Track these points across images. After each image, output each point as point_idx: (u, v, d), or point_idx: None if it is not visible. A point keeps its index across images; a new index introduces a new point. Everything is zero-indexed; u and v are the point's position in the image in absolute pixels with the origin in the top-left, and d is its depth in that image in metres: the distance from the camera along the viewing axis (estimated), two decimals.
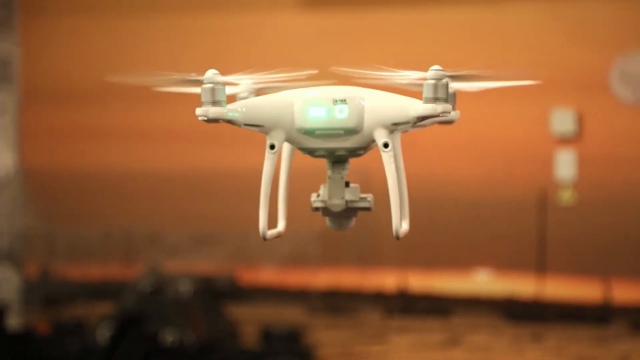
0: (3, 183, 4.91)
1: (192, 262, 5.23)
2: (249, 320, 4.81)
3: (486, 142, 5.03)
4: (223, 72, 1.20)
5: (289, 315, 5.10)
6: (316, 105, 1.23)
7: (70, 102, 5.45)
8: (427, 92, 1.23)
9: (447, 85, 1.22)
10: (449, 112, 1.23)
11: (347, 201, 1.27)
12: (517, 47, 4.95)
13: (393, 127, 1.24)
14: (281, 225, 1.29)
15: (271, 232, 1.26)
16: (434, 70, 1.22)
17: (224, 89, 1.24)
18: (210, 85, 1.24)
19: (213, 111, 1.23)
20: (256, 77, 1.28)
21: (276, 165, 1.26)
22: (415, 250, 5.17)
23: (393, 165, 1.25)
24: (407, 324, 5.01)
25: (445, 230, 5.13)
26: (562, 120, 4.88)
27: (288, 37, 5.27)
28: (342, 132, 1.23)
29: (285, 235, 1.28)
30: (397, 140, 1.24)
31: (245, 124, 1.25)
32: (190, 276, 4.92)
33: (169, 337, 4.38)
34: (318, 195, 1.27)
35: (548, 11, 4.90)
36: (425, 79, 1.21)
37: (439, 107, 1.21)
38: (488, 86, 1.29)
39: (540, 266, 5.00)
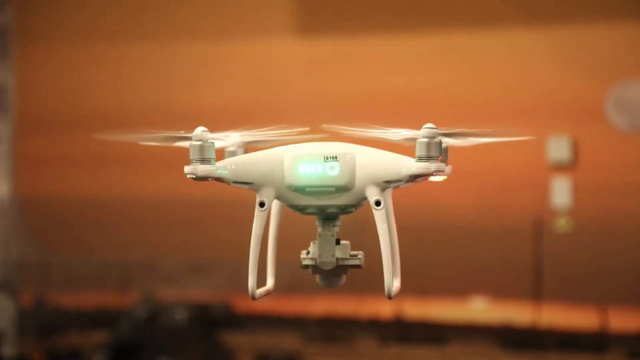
0: None
1: (187, 290, 5.22)
2: (245, 348, 4.79)
3: (481, 169, 5.03)
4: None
5: (284, 343, 5.08)
6: (306, 162, 1.22)
7: (65, 131, 5.45)
8: (420, 151, 1.23)
9: (440, 144, 1.22)
10: (443, 171, 1.23)
11: (337, 259, 1.25)
12: (511, 74, 4.96)
13: (385, 185, 1.24)
14: (270, 283, 1.29)
15: (260, 291, 1.26)
16: (426, 129, 1.22)
17: (212, 146, 1.24)
18: (199, 142, 1.23)
19: (202, 169, 1.23)
20: (246, 134, 1.27)
21: (266, 223, 1.26)
22: (411, 278, 5.15)
23: (385, 225, 1.25)
24: (403, 351, 4.99)
25: (440, 258, 5.12)
26: (558, 148, 4.89)
27: (282, 64, 5.29)
28: (333, 189, 1.22)
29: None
30: (388, 197, 1.25)
31: (235, 182, 1.24)
32: (185, 304, 4.91)
33: None
34: (308, 253, 1.26)
35: (543, 38, 4.91)
36: (417, 137, 1.21)
37: (432, 166, 1.22)
38: (482, 141, 1.30)
39: (537, 294, 4.99)
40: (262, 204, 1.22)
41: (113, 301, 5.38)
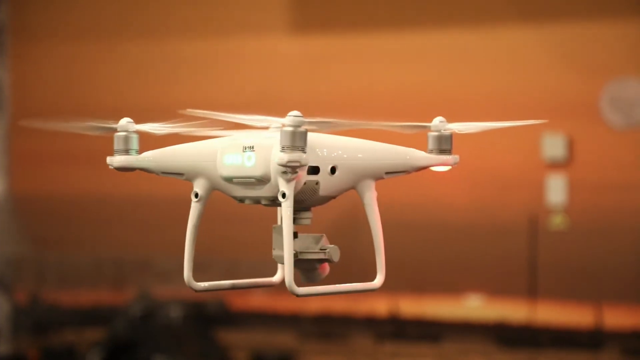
0: None
1: (182, 287, 5.21)
2: (240, 346, 4.79)
3: (476, 167, 5.03)
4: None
5: (280, 340, 5.08)
6: (229, 152, 1.20)
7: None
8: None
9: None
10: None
11: (296, 252, 1.22)
12: (507, 72, 4.96)
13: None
14: (278, 276, 1.27)
15: (211, 284, 1.25)
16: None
17: (136, 137, 1.22)
18: (124, 133, 1.22)
19: (118, 160, 1.22)
20: (172, 126, 1.25)
21: (203, 214, 1.22)
22: (406, 275, 5.17)
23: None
24: (398, 349, 5.00)
25: (436, 255, 5.12)
26: (553, 145, 4.89)
27: (277, 61, 5.28)
28: (253, 180, 1.19)
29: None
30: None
31: (163, 172, 1.22)
32: (180, 302, 4.91)
33: None
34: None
35: (538, 36, 4.91)
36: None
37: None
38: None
39: (532, 291, 4.99)
40: (196, 195, 1.20)
41: (108, 299, 5.38)
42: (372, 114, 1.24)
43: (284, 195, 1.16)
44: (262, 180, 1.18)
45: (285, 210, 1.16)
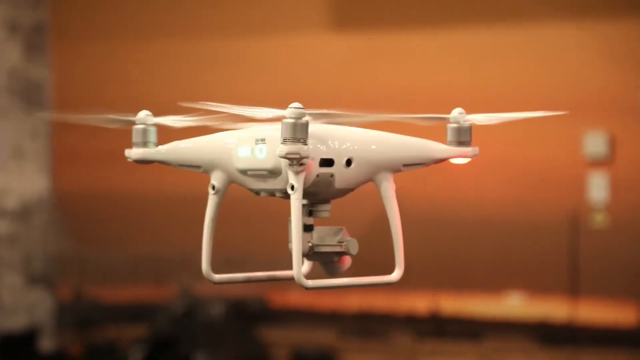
0: (36, 207, 4.94)
1: (223, 285, 5.23)
2: (280, 343, 4.81)
3: (518, 164, 5.01)
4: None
5: (320, 338, 5.09)
6: (242, 144, 1.20)
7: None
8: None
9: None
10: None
11: (311, 245, 1.21)
12: (548, 69, 4.93)
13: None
14: (305, 267, 1.26)
15: (228, 276, 1.24)
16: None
17: (154, 130, 1.22)
18: (142, 126, 1.23)
19: (135, 152, 1.22)
20: (190, 119, 1.23)
21: (220, 206, 1.21)
22: (447, 273, 5.15)
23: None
24: (438, 347, 4.98)
25: (476, 253, 5.11)
26: (594, 143, 4.86)
27: (318, 59, 5.29)
28: (265, 172, 1.18)
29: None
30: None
31: (180, 165, 1.23)
32: (221, 299, 4.93)
33: (200, 359, 4.38)
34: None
35: (579, 32, 4.88)
36: (282, 116, 1.15)
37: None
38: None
39: (574, 289, 4.96)
40: (213, 187, 1.20)
41: (150, 295, 5.41)
42: (409, 111, 1.23)
43: (292, 188, 1.15)
44: (274, 173, 1.17)
45: (294, 203, 1.15)
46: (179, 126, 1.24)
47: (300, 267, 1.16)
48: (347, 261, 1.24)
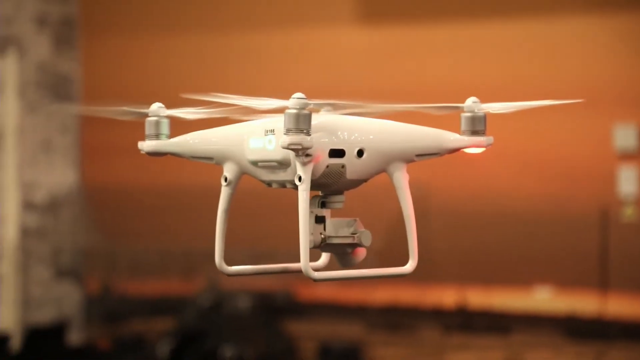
0: (65, 200, 4.97)
1: (250, 278, 5.24)
2: (307, 337, 4.81)
3: (547, 158, 4.98)
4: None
5: (347, 331, 5.09)
6: (253, 136, 1.19)
7: (131, 119, 5.49)
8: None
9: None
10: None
11: (324, 237, 1.20)
12: (578, 62, 4.90)
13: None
14: (323, 260, 1.25)
15: (242, 268, 1.23)
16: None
17: (167, 122, 1.22)
18: (155, 118, 1.22)
19: (147, 145, 1.23)
20: (202, 111, 1.22)
21: (232, 198, 1.20)
22: (475, 266, 5.14)
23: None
24: (466, 341, 4.97)
25: (505, 247, 5.08)
26: (625, 136, 4.82)
27: (344, 52, 5.28)
28: (275, 163, 1.17)
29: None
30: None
31: (193, 157, 1.22)
32: (248, 292, 4.93)
33: (227, 352, 4.39)
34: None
35: (609, 25, 4.84)
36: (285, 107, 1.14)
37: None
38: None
39: (603, 283, 4.93)
40: (225, 179, 1.20)
41: (178, 289, 5.43)
42: (434, 102, 1.21)
43: (300, 179, 1.14)
44: (284, 164, 1.17)
45: (301, 194, 1.15)
46: (191, 118, 1.23)
47: (307, 259, 1.16)
48: (361, 253, 1.23)
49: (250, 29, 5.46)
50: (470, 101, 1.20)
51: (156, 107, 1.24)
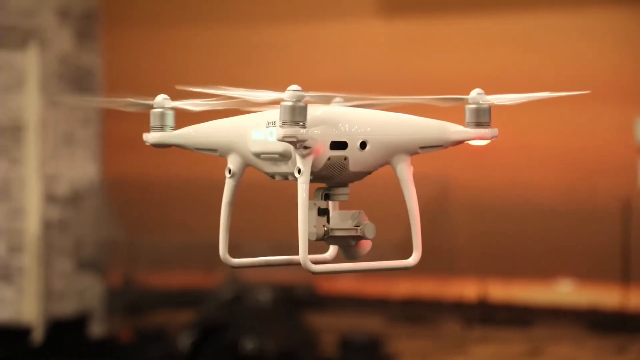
0: (87, 193, 4.99)
1: (271, 271, 5.26)
2: (328, 329, 4.81)
3: (569, 150, 4.96)
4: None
5: (368, 324, 5.09)
6: (256, 128, 1.18)
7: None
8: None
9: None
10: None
11: (326, 229, 1.19)
12: (599, 54, 4.88)
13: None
14: (330, 253, 1.25)
15: (246, 260, 1.23)
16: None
17: (172, 114, 1.22)
18: (159, 110, 1.22)
19: (152, 137, 1.22)
20: (208, 103, 1.21)
21: (236, 190, 1.20)
22: (496, 259, 5.12)
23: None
24: (487, 334, 4.96)
25: (526, 239, 5.07)
26: None
27: (367, 45, 5.27)
28: (277, 155, 1.17)
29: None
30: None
31: (197, 149, 1.22)
32: (269, 285, 4.94)
33: (248, 345, 4.40)
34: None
35: (633, 16, 4.82)
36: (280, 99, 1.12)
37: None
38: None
39: (625, 276, 4.91)
40: (229, 171, 1.20)
41: (199, 281, 5.44)
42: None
43: (299, 171, 1.14)
44: (285, 156, 1.16)
45: (300, 186, 1.14)
46: (196, 110, 1.22)
47: (306, 252, 1.15)
48: (366, 245, 1.22)
49: (272, 21, 5.46)
50: (475, 93, 1.19)
51: (161, 98, 1.24)
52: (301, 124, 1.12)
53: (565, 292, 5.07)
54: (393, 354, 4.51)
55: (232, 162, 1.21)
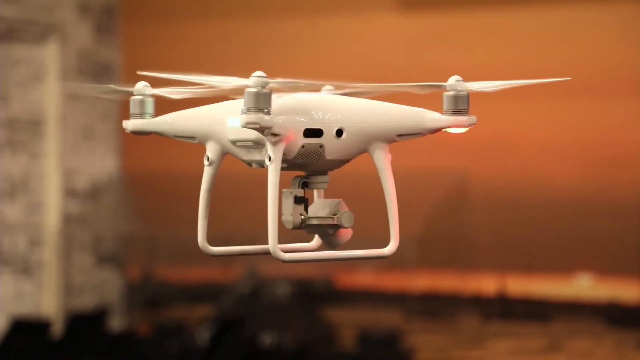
0: (106, 187, 5.00)
1: (289, 265, 5.26)
2: (346, 324, 4.81)
3: (587, 145, 4.94)
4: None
5: (386, 318, 5.09)
6: (231, 115, 1.17)
7: (171, 107, 5.52)
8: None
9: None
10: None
11: (304, 218, 1.18)
12: (621, 48, 4.86)
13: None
14: (313, 242, 1.25)
15: (226, 249, 1.23)
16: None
17: (152, 101, 1.22)
18: (139, 97, 1.23)
19: (131, 124, 1.22)
20: (188, 90, 1.20)
21: (216, 178, 1.19)
22: (514, 254, 5.11)
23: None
24: (505, 328, 4.95)
25: (545, 234, 5.06)
26: None
27: (385, 40, 5.27)
28: (250, 143, 1.16)
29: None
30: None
31: (176, 136, 1.21)
32: (287, 279, 4.95)
33: (266, 339, 4.41)
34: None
35: None
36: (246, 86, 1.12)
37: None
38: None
39: None
40: (207, 159, 1.19)
41: (217, 276, 5.45)
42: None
43: (269, 159, 1.13)
44: (259, 143, 1.15)
45: (271, 174, 1.13)
46: (177, 98, 1.22)
47: (275, 240, 1.15)
48: (346, 234, 1.20)
49: (291, 15, 5.46)
50: (453, 80, 1.18)
51: (141, 85, 1.24)
52: (265, 110, 1.11)
53: (584, 286, 5.05)
54: (411, 349, 4.51)
55: (210, 150, 1.21)
